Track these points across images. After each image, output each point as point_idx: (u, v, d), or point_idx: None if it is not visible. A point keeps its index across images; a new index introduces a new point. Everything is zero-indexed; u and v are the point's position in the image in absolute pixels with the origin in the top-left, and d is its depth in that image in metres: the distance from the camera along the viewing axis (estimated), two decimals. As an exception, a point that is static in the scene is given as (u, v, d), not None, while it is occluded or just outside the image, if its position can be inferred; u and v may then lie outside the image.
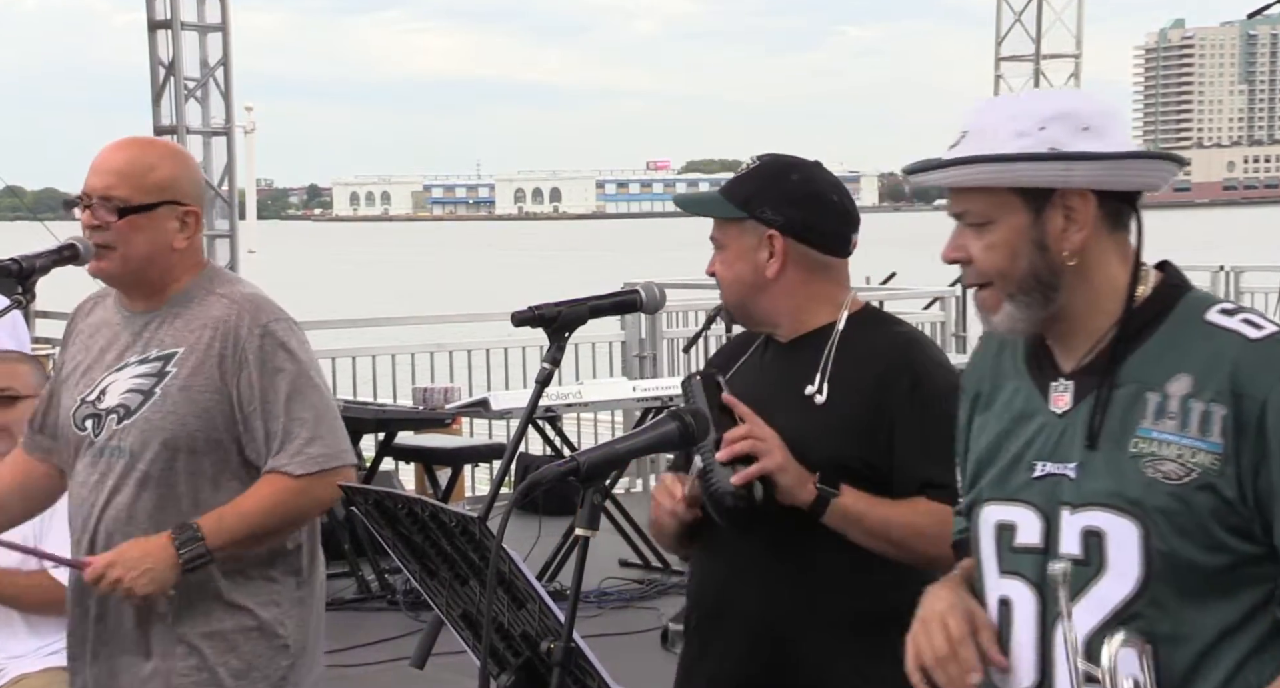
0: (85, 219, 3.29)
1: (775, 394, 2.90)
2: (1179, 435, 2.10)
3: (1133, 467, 2.12)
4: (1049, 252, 2.16)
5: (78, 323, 3.50)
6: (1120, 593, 2.12)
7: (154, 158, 3.36)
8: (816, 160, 3.02)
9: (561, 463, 2.37)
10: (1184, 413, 2.10)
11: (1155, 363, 2.14)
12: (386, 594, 7.65)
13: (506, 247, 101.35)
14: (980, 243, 2.19)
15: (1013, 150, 2.14)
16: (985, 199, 2.17)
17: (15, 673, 4.21)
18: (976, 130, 2.18)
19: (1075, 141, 2.14)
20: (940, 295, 12.45)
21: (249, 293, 3.33)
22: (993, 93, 14.90)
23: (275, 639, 3.32)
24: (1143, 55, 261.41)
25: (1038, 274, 2.17)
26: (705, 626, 3.00)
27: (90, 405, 3.34)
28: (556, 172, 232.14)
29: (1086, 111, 2.17)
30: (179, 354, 3.27)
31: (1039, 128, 2.14)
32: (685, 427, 2.53)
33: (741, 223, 2.92)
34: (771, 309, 2.95)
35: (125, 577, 3.17)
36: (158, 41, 11.38)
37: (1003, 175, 2.15)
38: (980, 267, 2.20)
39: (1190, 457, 2.09)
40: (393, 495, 2.74)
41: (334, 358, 9.90)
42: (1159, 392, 2.12)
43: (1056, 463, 2.19)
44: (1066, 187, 2.14)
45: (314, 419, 3.26)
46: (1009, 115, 2.17)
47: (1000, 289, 2.19)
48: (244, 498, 3.24)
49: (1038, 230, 2.16)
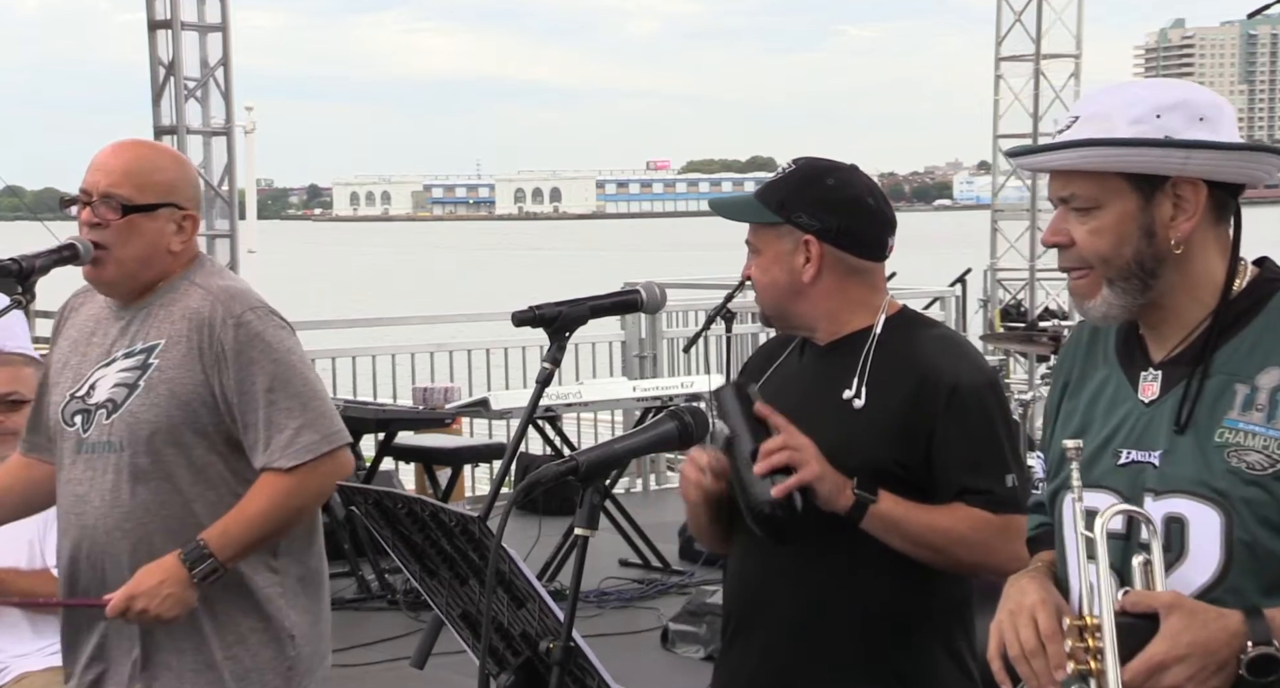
0: (85, 216, 3.29)
1: (813, 399, 2.89)
2: (1265, 427, 2.11)
3: (1218, 456, 2.13)
4: (1155, 239, 2.17)
5: (68, 318, 3.50)
6: (1200, 580, 2.13)
7: (158, 160, 3.38)
8: (853, 163, 3.00)
9: (561, 463, 2.37)
10: (1272, 405, 2.11)
11: (1246, 356, 2.16)
12: (386, 594, 7.65)
13: (506, 247, 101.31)
14: (1085, 227, 2.19)
15: (1128, 136, 2.14)
16: (1095, 183, 2.17)
17: (18, 671, 4.22)
18: (1091, 115, 2.18)
19: (1189, 131, 2.14)
20: (940, 295, 12.46)
21: (224, 285, 3.33)
22: (993, 93, 14.91)
23: (280, 631, 3.33)
24: (1143, 55, 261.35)
25: (1141, 261, 2.17)
26: (743, 628, 2.99)
27: (80, 401, 3.34)
28: (556, 172, 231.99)
29: (1201, 102, 2.18)
30: (161, 346, 3.28)
31: (1155, 115, 2.14)
32: (684, 426, 2.53)
33: (778, 228, 2.90)
34: (808, 314, 2.94)
35: (150, 606, 3.19)
36: (158, 41, 11.36)
37: (1120, 160, 2.15)
38: (1083, 250, 2.20)
39: (1276, 448, 2.10)
40: (393, 495, 2.75)
41: (334, 358, 9.91)
42: (1249, 384, 2.14)
43: (1142, 451, 2.20)
44: (1181, 175, 2.15)
45: (299, 407, 3.25)
46: (1126, 102, 2.17)
47: (1100, 274, 2.19)
48: (245, 503, 3.24)
49: (1146, 217, 2.17)
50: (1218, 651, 2.03)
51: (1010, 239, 14.91)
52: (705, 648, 6.53)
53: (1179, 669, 2.02)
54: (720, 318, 6.82)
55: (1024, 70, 14.86)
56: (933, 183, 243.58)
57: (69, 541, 3.38)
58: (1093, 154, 2.16)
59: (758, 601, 2.94)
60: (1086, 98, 2.25)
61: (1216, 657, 2.03)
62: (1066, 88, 14.57)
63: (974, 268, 14.53)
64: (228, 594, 3.28)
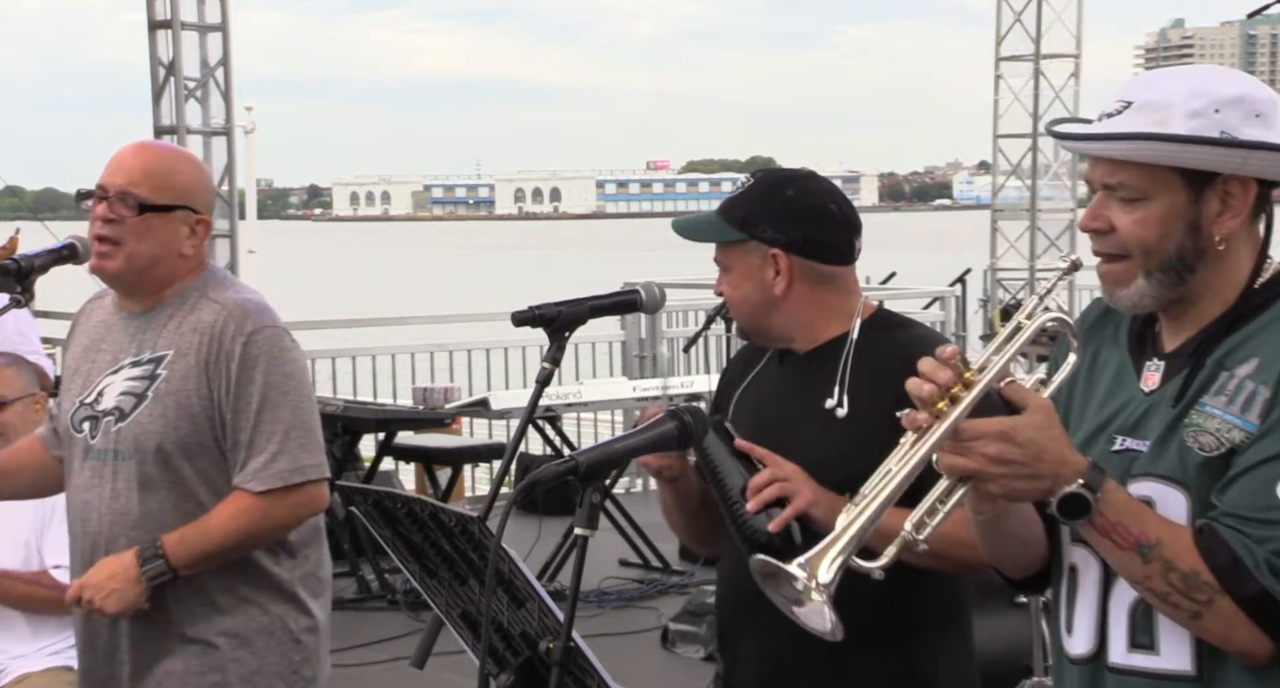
0: (100, 211, 3.29)
1: (795, 410, 2.88)
2: (1224, 411, 2.10)
3: (1179, 437, 2.14)
4: (1200, 234, 2.15)
5: (80, 325, 3.51)
6: None
7: (177, 163, 3.40)
8: (810, 170, 2.99)
9: (561, 463, 2.37)
10: (1237, 391, 2.11)
11: (1239, 348, 2.15)
12: (386, 594, 7.65)
13: (506, 247, 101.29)
14: (1130, 216, 2.15)
15: (1185, 130, 2.11)
16: (1146, 175, 2.13)
17: (18, 673, 4.22)
18: (1146, 104, 2.14)
19: (1246, 128, 2.12)
20: (940, 295, 12.46)
21: (240, 299, 3.32)
22: (993, 93, 14.90)
23: (286, 635, 3.33)
24: (1143, 55, 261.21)
25: (1183, 255, 2.15)
26: (738, 634, 2.99)
27: (88, 408, 3.34)
28: (556, 172, 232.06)
29: (1259, 98, 2.15)
30: (169, 357, 3.28)
31: (1214, 110, 2.11)
32: (684, 426, 2.52)
33: (744, 244, 2.90)
34: (784, 325, 2.93)
35: (95, 598, 3.23)
36: (158, 41, 11.36)
37: (1176, 155, 2.12)
38: (1125, 239, 2.16)
39: (1227, 432, 2.10)
40: (392, 495, 2.74)
41: (334, 358, 9.91)
42: (1231, 371, 2.13)
43: (1136, 439, 2.20)
44: (1238, 173, 2.13)
45: (282, 433, 3.24)
46: (1187, 92, 2.13)
47: (1139, 264, 2.16)
48: (209, 517, 3.25)
49: (1193, 212, 2.14)
50: (1044, 462, 2.03)
51: (1010, 239, 14.90)
52: (705, 648, 6.53)
53: (998, 447, 2.01)
54: (720, 318, 6.82)
55: (1024, 70, 14.85)
56: (933, 183, 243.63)
57: (77, 545, 3.40)
58: (1151, 148, 2.12)
59: (753, 606, 2.93)
60: (1140, 82, 2.19)
61: (1036, 466, 2.02)
62: (1066, 88, 14.56)
63: (974, 268, 14.54)
64: (232, 598, 3.29)
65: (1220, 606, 2.05)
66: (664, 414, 2.54)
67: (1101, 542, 2.09)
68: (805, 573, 2.04)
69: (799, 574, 2.04)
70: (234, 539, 3.25)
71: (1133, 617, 2.18)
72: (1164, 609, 2.10)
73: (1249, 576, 2.03)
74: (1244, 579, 2.03)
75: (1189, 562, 2.05)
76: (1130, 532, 2.06)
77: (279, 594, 3.33)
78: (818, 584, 2.03)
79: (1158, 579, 2.07)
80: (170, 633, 3.28)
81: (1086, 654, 2.25)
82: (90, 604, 3.23)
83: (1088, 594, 2.25)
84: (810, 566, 2.04)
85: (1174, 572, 2.06)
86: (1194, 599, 2.06)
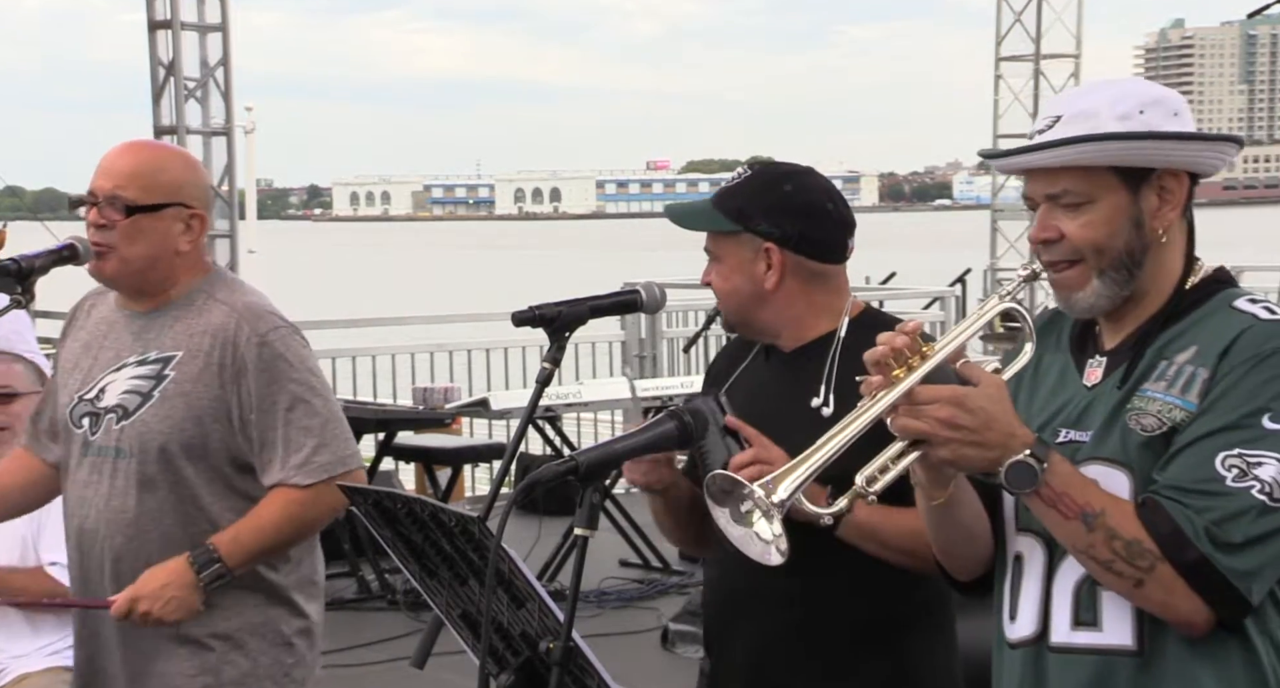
0: (91, 217, 3.29)
1: (781, 408, 2.87)
2: (1165, 393, 2.19)
3: (1121, 421, 2.22)
4: (1143, 229, 2.25)
5: (78, 318, 3.50)
6: None
7: (164, 160, 3.38)
8: (809, 166, 2.98)
9: (561, 463, 2.37)
10: (1176, 376, 2.19)
11: (1178, 339, 2.24)
12: (386, 594, 7.65)
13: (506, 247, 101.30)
14: (1077, 221, 2.24)
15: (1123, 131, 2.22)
16: (1085, 178, 2.23)
17: (18, 673, 4.21)
18: (1075, 114, 2.24)
19: (1167, 124, 2.24)
20: (940, 295, 12.47)
21: (249, 301, 3.33)
22: (993, 93, 14.92)
23: (278, 637, 3.33)
24: (1143, 55, 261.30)
25: (1131, 251, 2.25)
26: (725, 636, 2.99)
27: (88, 403, 3.34)
28: (556, 172, 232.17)
29: (1174, 100, 2.29)
30: (178, 358, 3.28)
31: (1139, 110, 2.23)
32: (684, 426, 2.52)
33: (737, 235, 2.89)
34: (773, 321, 2.92)
35: (154, 609, 3.21)
36: (158, 41, 11.38)
37: (1117, 153, 2.21)
38: (1076, 243, 2.25)
39: (1168, 412, 2.18)
40: (392, 495, 2.74)
41: (334, 358, 9.90)
42: (1169, 360, 2.21)
43: (1079, 430, 2.27)
44: (1167, 165, 2.23)
45: (319, 427, 3.27)
46: (1111, 99, 2.25)
47: (1092, 266, 2.25)
48: (257, 513, 3.25)
49: (1135, 209, 2.24)
50: (994, 430, 2.10)
51: (1010, 239, 14.92)
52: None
53: (949, 411, 2.09)
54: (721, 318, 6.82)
55: (1024, 70, 14.89)
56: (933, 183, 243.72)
57: (72, 541, 3.40)
58: (1093, 149, 2.21)
59: (741, 607, 2.93)
60: (1063, 98, 2.32)
61: (986, 434, 2.10)
62: (1066, 88, 14.56)
63: (974, 268, 14.56)
64: (227, 599, 3.29)
65: (1161, 573, 2.11)
66: (664, 414, 2.54)
67: (1047, 512, 2.16)
68: (764, 491, 2.12)
69: (757, 491, 2.12)
70: (286, 534, 3.27)
71: (1077, 596, 2.25)
72: (1107, 578, 2.16)
73: (1189, 544, 2.10)
74: (1184, 547, 2.10)
75: (1131, 531, 2.12)
76: (1075, 501, 2.14)
77: (273, 597, 3.33)
78: (773, 501, 2.12)
79: (1101, 547, 2.13)
80: (164, 634, 3.28)
81: (1029, 637, 2.30)
82: (148, 615, 3.21)
83: (1032, 578, 2.31)
84: (769, 486, 2.12)
85: (1117, 539, 2.12)
86: (1136, 567, 2.12)
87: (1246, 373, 2.13)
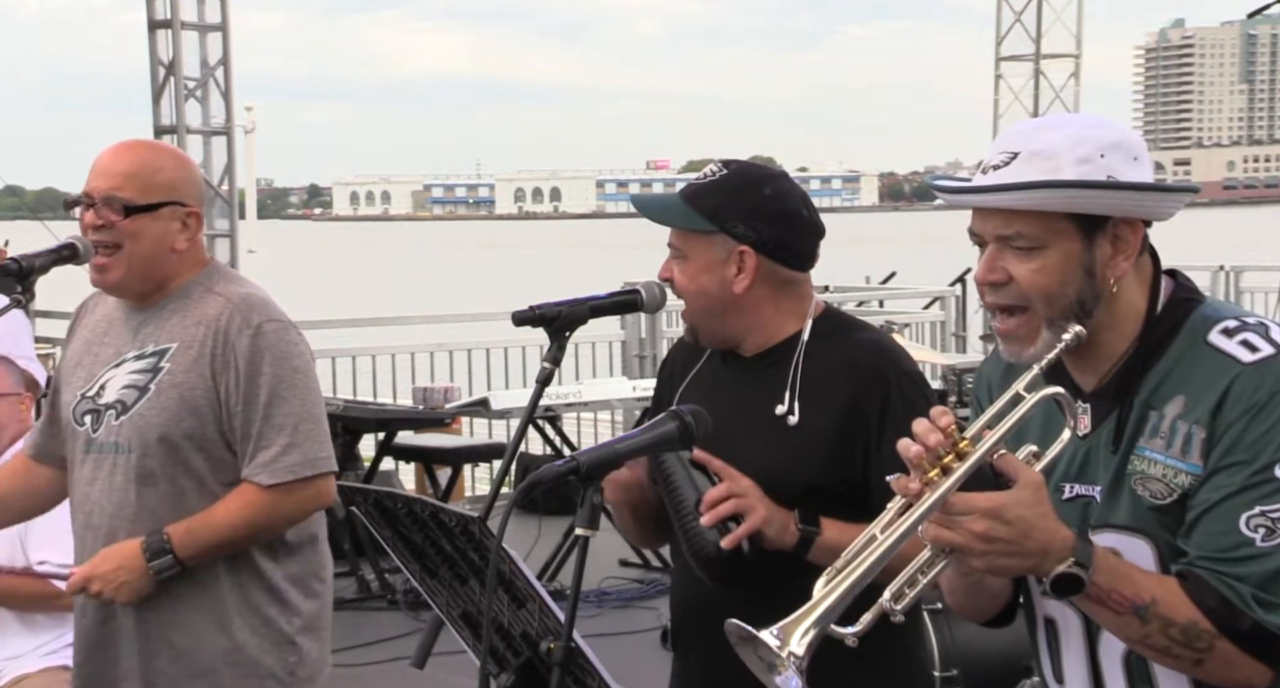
0: (88, 219, 3.29)
1: (743, 415, 2.83)
2: (1164, 455, 2.14)
3: (1128, 485, 2.17)
4: (1094, 278, 2.17)
5: (82, 318, 3.52)
6: None
7: (158, 159, 3.38)
8: (784, 171, 2.96)
9: (561, 463, 2.37)
10: (1172, 433, 2.14)
11: (1161, 384, 2.17)
12: (386, 594, 7.65)
13: (506, 246, 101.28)
14: (1028, 266, 2.16)
15: (1076, 176, 2.13)
16: (1041, 222, 2.15)
17: (14, 674, 4.20)
18: (1034, 152, 2.15)
19: (1127, 169, 2.16)
20: (940, 295, 12.46)
21: (245, 292, 3.33)
22: (993, 93, 14.91)
23: (282, 636, 3.33)
24: (1143, 55, 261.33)
25: (1082, 300, 2.17)
26: (692, 644, 2.99)
27: (90, 401, 3.35)
28: (556, 171, 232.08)
29: (1133, 142, 2.20)
30: (173, 350, 3.28)
31: (1100, 155, 2.14)
32: (684, 426, 2.52)
33: (709, 235, 2.84)
34: (738, 326, 2.88)
35: (105, 590, 3.23)
36: (158, 41, 11.38)
37: (1075, 201, 2.13)
38: (1026, 288, 2.17)
39: (1174, 477, 2.13)
40: (393, 495, 2.74)
41: (334, 358, 9.90)
42: (1159, 411, 2.16)
43: (1084, 484, 2.22)
44: (1124, 215, 2.16)
45: (292, 426, 3.24)
46: (1072, 140, 2.15)
47: (1040, 315, 2.18)
48: (216, 508, 3.25)
49: (1089, 257, 2.16)
50: (1032, 539, 2.03)
51: (1010, 239, 14.89)
52: (705, 648, 6.52)
53: (986, 524, 2.02)
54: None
55: (1024, 70, 14.88)
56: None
57: (79, 539, 3.41)
58: (1053, 196, 2.13)
59: (702, 613, 2.88)
60: (1021, 133, 2.21)
61: (1024, 544, 2.03)
62: (1066, 88, 14.58)
63: (974, 268, 14.54)
64: (231, 596, 3.29)
65: (1220, 649, 2.08)
66: (665, 414, 2.53)
67: (1097, 610, 2.11)
68: (778, 641, 2.04)
69: (772, 643, 2.04)
70: (241, 532, 3.25)
71: (1128, 665, 2.21)
72: (1165, 662, 2.13)
73: (1240, 613, 2.07)
74: (1237, 617, 2.07)
75: (1185, 614, 2.08)
76: (1125, 596, 2.09)
77: (275, 595, 3.33)
78: (790, 655, 2.03)
79: (1158, 636, 2.09)
80: (165, 633, 3.28)
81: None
82: (99, 596, 3.24)
83: (1074, 646, 2.27)
84: (784, 634, 2.05)
85: (1173, 626, 2.08)
86: (1195, 649, 2.09)
87: (1246, 427, 2.09)
